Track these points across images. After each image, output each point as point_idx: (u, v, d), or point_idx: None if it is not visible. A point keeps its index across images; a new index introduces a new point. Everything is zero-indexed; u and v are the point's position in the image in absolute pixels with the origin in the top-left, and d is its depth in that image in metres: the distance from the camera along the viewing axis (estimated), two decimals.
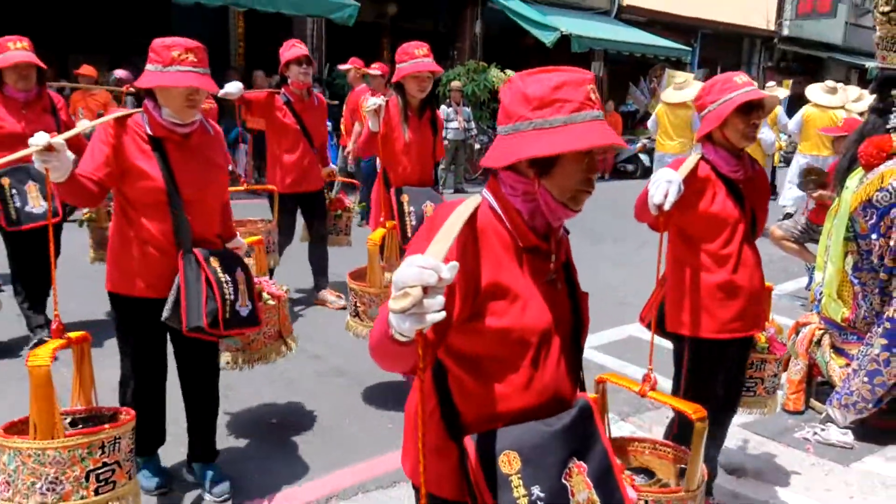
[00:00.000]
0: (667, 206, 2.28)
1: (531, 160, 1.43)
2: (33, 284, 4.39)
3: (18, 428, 2.24)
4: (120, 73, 7.96)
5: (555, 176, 1.44)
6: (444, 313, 1.12)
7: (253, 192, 5.53)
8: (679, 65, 17.80)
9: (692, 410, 2.08)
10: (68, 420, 2.42)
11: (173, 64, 2.50)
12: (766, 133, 8.80)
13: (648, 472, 2.38)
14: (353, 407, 3.87)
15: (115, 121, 2.60)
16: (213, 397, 3.01)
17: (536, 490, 1.40)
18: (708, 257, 2.64)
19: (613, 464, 1.54)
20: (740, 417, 3.16)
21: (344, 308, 5.16)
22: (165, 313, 2.66)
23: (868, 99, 5.48)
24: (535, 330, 1.47)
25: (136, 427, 2.80)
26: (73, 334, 2.43)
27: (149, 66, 2.54)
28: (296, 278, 5.58)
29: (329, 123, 12.61)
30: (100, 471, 2.15)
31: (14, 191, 4.00)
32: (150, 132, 2.63)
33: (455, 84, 12.24)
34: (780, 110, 10.27)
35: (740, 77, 2.56)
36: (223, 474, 3.01)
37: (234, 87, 4.73)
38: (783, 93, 10.97)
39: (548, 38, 13.93)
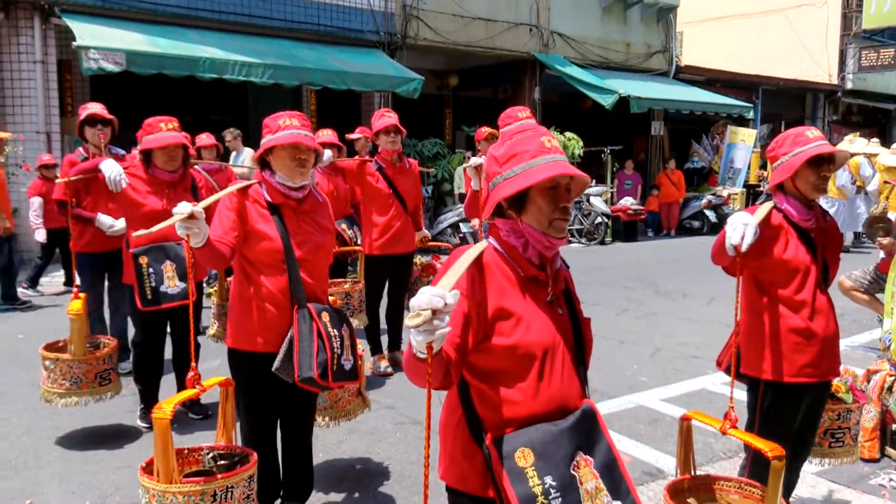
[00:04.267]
0: (744, 248, 2.40)
1: (509, 204, 1.79)
2: (156, 366, 4.36)
3: (150, 468, 2.45)
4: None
5: (529, 211, 1.78)
6: (449, 328, 1.44)
7: (343, 254, 5.65)
8: (742, 121, 17.80)
9: (769, 448, 2.12)
10: (210, 455, 2.66)
11: (280, 130, 2.82)
12: (845, 179, 8.97)
13: None
14: (432, 453, 4.02)
15: (238, 191, 2.88)
16: (309, 443, 3.22)
17: (549, 479, 1.65)
18: (782, 303, 2.71)
19: (617, 458, 1.78)
20: (815, 466, 3.18)
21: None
22: (276, 363, 2.81)
23: None
24: (538, 345, 1.75)
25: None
26: (215, 379, 2.70)
27: (263, 141, 2.87)
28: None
29: (427, 190, 12.92)
30: None
31: (151, 270, 4.02)
32: (268, 199, 2.89)
33: None
34: (862, 160, 10.26)
35: (812, 132, 2.69)
36: None
37: (323, 156, 5.00)
38: (862, 143, 10.92)
39: (606, 101, 14.20)
